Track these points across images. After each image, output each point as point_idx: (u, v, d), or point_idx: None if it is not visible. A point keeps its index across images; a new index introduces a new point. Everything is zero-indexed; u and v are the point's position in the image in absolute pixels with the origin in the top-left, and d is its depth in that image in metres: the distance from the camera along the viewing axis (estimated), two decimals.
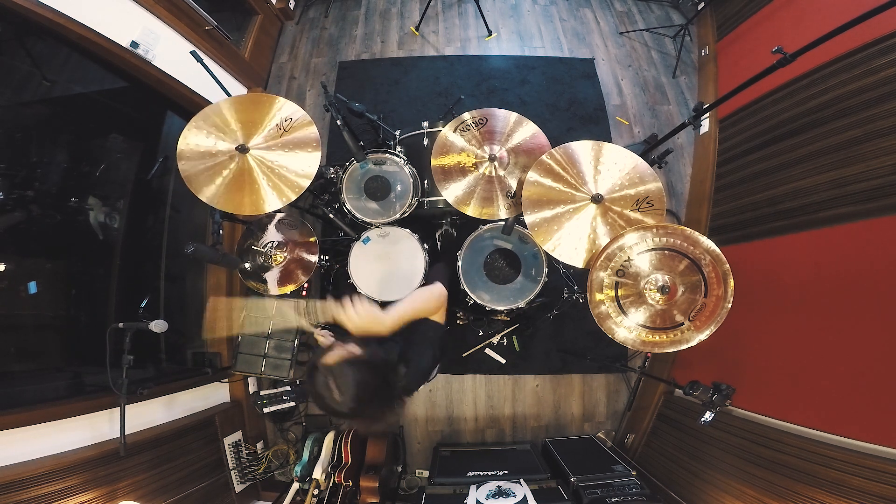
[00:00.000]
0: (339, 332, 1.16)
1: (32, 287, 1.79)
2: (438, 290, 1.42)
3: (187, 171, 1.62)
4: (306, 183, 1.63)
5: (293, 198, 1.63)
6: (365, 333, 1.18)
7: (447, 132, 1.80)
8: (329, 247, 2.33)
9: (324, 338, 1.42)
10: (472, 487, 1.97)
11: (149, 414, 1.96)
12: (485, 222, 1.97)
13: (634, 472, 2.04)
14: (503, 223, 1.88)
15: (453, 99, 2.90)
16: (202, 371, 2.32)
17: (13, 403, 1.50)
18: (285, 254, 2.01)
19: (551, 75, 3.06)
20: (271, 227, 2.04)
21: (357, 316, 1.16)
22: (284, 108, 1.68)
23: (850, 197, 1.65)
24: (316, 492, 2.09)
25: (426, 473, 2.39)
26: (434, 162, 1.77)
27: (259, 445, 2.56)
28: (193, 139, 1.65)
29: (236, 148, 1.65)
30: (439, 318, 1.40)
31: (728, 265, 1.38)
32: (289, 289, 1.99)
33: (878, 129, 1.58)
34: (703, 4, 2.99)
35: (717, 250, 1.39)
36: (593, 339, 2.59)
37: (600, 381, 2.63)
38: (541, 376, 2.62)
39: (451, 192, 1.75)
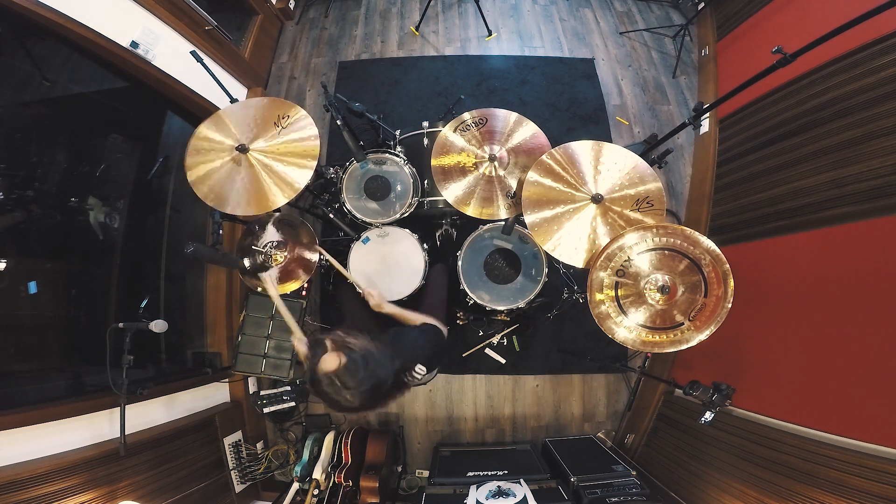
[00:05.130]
0: (314, 345, 1.20)
1: (32, 287, 1.79)
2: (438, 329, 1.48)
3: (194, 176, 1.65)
4: (303, 184, 1.63)
5: (292, 198, 1.63)
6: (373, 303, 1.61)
7: (447, 132, 1.80)
8: (329, 247, 2.33)
9: (300, 345, 1.50)
10: (472, 487, 1.97)
11: (149, 414, 1.96)
12: (485, 222, 1.97)
13: (634, 472, 2.03)
14: (503, 223, 1.88)
15: (453, 99, 2.90)
16: (202, 371, 2.32)
17: (13, 403, 1.50)
18: (285, 253, 2.01)
19: (551, 75, 3.06)
20: (271, 227, 2.03)
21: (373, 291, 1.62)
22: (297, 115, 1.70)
23: (850, 197, 1.65)
24: (316, 492, 2.09)
25: (426, 473, 2.39)
26: (434, 162, 1.77)
27: (259, 445, 2.56)
28: (205, 134, 1.67)
29: (236, 147, 1.65)
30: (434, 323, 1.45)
31: (728, 265, 1.38)
32: (289, 288, 1.99)
33: (878, 129, 1.58)
34: (703, 4, 2.99)
35: (717, 250, 1.39)
36: (593, 339, 2.59)
37: (600, 381, 2.63)
38: (541, 376, 2.62)
39: (451, 192, 1.75)
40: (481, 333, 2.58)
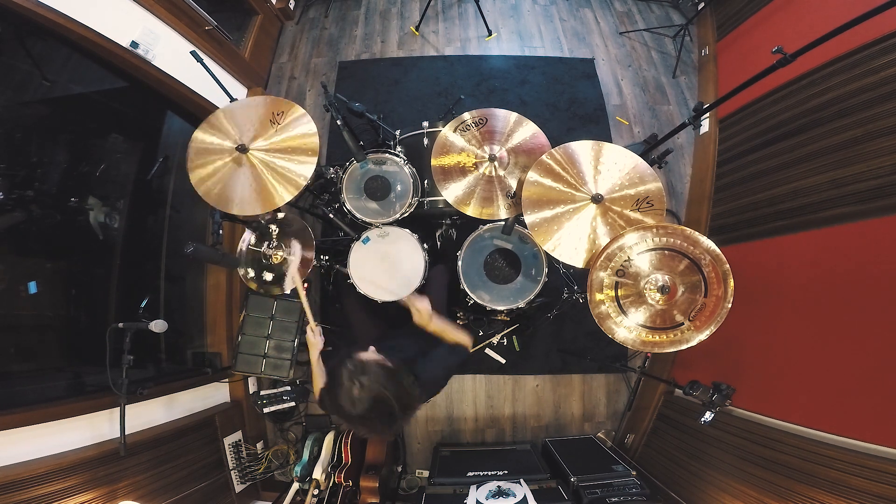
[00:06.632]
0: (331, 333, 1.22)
1: (32, 287, 1.79)
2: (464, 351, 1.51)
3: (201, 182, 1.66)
4: (304, 181, 1.63)
5: (293, 195, 1.64)
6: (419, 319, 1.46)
7: (447, 132, 1.80)
8: (329, 247, 2.33)
9: (312, 333, 1.53)
10: (472, 487, 1.97)
11: (149, 414, 1.96)
12: (485, 222, 1.97)
13: (634, 472, 2.03)
14: (503, 223, 1.88)
15: (453, 99, 2.90)
16: (202, 371, 2.33)
17: (13, 403, 1.50)
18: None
19: (551, 75, 3.06)
20: (271, 227, 2.03)
21: (421, 305, 1.46)
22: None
23: (850, 197, 1.65)
24: (316, 492, 2.09)
25: (426, 473, 2.39)
26: (434, 162, 1.77)
27: (259, 445, 2.56)
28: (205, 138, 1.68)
29: (236, 148, 1.65)
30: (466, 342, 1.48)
31: (728, 265, 1.38)
32: (288, 288, 1.99)
33: (878, 129, 1.58)
34: (703, 4, 2.99)
35: (717, 250, 1.39)
36: (593, 339, 2.59)
37: (600, 381, 2.63)
38: (541, 376, 2.62)
39: (451, 192, 1.75)
40: (481, 333, 2.58)
